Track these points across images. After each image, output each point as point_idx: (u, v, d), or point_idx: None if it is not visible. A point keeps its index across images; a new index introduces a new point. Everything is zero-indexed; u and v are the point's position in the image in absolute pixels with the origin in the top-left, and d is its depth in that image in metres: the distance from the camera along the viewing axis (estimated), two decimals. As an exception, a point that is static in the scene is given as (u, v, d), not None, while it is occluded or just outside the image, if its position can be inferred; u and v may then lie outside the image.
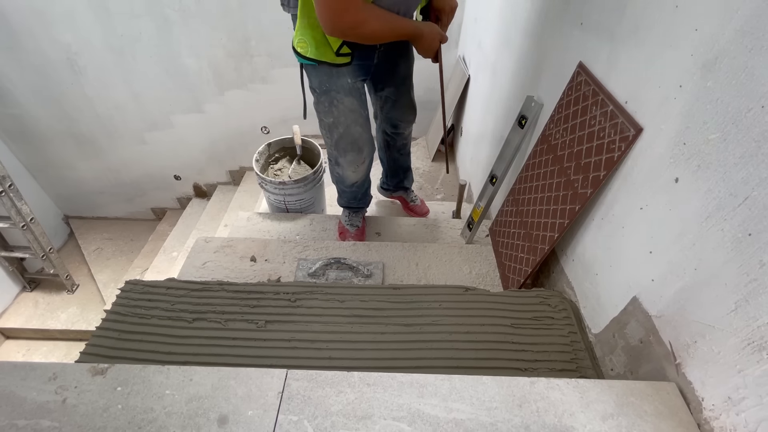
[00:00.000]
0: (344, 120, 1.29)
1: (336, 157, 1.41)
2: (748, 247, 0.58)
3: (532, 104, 1.29)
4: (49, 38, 2.45)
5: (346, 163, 1.40)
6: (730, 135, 0.62)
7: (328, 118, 1.30)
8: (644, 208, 0.81)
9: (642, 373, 0.80)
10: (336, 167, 1.46)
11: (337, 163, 1.43)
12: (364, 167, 1.43)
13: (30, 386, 0.67)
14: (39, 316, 2.85)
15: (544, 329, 1.02)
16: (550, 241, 1.12)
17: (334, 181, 1.60)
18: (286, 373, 0.70)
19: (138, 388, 0.68)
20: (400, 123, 1.63)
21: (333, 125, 1.31)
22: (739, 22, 0.60)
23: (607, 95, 0.93)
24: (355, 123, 1.31)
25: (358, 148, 1.35)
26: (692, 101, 0.69)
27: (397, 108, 1.57)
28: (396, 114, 1.59)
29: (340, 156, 1.39)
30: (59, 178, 3.20)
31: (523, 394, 0.69)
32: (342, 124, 1.30)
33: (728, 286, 0.61)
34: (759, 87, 0.57)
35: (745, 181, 0.59)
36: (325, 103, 1.28)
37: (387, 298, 1.08)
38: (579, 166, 1.02)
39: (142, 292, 1.08)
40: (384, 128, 1.70)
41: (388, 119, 1.63)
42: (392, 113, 1.59)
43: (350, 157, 1.37)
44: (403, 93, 1.52)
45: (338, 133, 1.32)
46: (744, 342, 0.59)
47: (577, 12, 1.06)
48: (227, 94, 2.77)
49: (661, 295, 0.75)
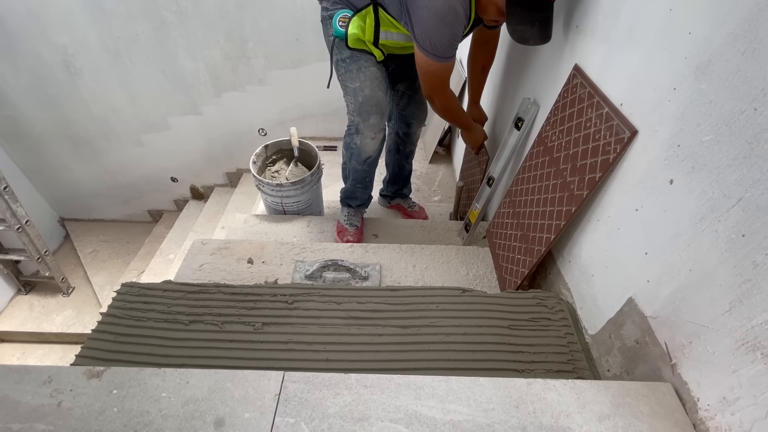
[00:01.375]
0: (369, 84, 1.42)
1: (357, 124, 1.48)
2: (741, 248, 0.59)
3: (529, 106, 1.30)
4: (45, 40, 2.44)
5: (366, 128, 1.47)
6: (724, 137, 0.62)
7: (355, 83, 1.42)
8: (639, 209, 0.81)
9: (638, 373, 0.81)
10: (355, 137, 1.52)
11: (357, 130, 1.50)
12: (380, 136, 1.52)
13: (25, 389, 0.67)
14: (34, 319, 2.84)
15: (541, 330, 1.02)
16: (546, 243, 1.12)
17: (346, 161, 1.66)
18: (283, 375, 0.70)
19: (134, 391, 0.67)
20: (413, 122, 1.72)
21: (359, 89, 1.41)
22: (732, 26, 0.61)
23: (602, 97, 0.94)
24: (379, 88, 1.44)
25: (381, 111, 1.45)
26: (686, 103, 0.69)
27: (412, 104, 1.68)
28: (411, 110, 1.69)
29: (362, 121, 1.46)
30: (55, 180, 3.19)
31: (520, 395, 0.69)
32: (368, 87, 1.42)
33: (722, 287, 0.62)
34: (751, 89, 0.58)
35: (739, 182, 0.59)
36: (353, 70, 1.41)
37: (384, 299, 1.08)
38: (575, 168, 1.03)
39: (138, 295, 1.07)
40: (397, 129, 1.78)
41: (403, 117, 1.72)
42: (407, 109, 1.69)
43: (373, 120, 1.45)
44: (419, 89, 1.59)
45: (363, 95, 1.42)
46: (738, 342, 0.59)
47: (572, 14, 1.07)
48: (224, 96, 2.77)
49: (657, 296, 0.76)
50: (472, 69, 1.58)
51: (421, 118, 1.75)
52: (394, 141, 1.84)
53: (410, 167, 1.99)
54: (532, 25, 1.03)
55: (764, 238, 0.55)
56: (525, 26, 1.04)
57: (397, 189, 2.06)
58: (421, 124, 1.78)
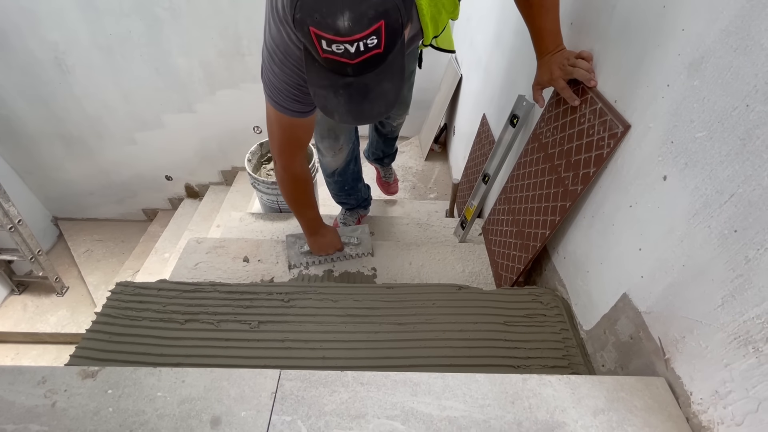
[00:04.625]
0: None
1: (317, 143, 1.43)
2: (734, 243, 0.59)
3: (524, 103, 1.30)
4: (36, 37, 2.41)
5: (323, 149, 1.41)
6: (716, 133, 0.63)
7: None
8: (633, 205, 0.82)
9: (632, 368, 0.81)
10: (318, 154, 1.48)
11: (318, 149, 1.45)
12: (342, 155, 1.44)
13: (18, 390, 0.67)
14: (28, 319, 2.81)
15: (537, 326, 1.03)
16: (541, 239, 1.13)
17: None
18: (279, 373, 0.70)
19: (129, 391, 0.67)
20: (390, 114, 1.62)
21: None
22: (724, 22, 0.61)
23: (596, 93, 0.94)
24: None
25: (334, 135, 1.36)
26: (679, 100, 0.70)
27: None
28: None
29: (318, 142, 1.41)
30: (48, 179, 3.15)
31: (515, 390, 0.69)
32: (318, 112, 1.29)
33: (715, 282, 0.62)
34: (743, 86, 0.58)
35: (731, 178, 0.60)
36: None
37: (380, 297, 1.09)
38: (569, 164, 1.03)
39: (133, 294, 1.07)
40: None
41: None
42: None
43: (326, 143, 1.38)
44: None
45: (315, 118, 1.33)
46: (731, 337, 0.60)
47: (566, 11, 1.07)
48: (219, 94, 2.75)
49: (651, 292, 0.76)
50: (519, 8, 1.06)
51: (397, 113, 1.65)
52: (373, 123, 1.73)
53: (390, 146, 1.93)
54: (336, 93, 0.70)
55: (756, 234, 0.56)
56: (327, 92, 0.71)
57: (378, 158, 2.02)
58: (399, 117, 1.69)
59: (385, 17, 0.60)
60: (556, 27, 1.01)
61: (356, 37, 0.60)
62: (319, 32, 0.61)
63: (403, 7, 0.63)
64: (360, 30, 0.60)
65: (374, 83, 0.69)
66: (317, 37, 0.62)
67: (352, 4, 0.58)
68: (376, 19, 0.60)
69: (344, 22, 0.59)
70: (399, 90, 0.73)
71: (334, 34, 0.60)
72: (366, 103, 0.71)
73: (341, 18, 0.59)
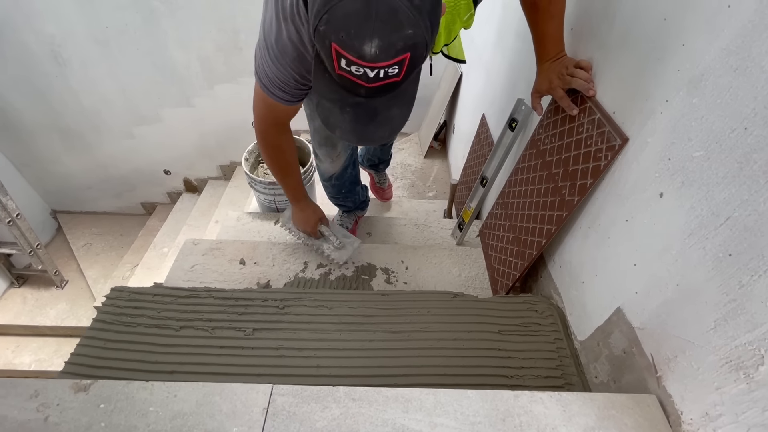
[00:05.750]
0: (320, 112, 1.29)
1: (314, 148, 1.42)
2: (728, 267, 0.59)
3: (523, 107, 1.29)
4: (31, 29, 2.38)
5: (321, 154, 1.40)
6: (714, 154, 0.62)
7: (307, 108, 1.28)
8: (629, 220, 0.81)
9: (624, 382, 0.82)
10: (315, 159, 1.47)
11: (316, 154, 1.44)
12: (340, 161, 1.43)
13: (11, 404, 0.67)
14: (28, 312, 2.83)
15: (531, 336, 1.03)
16: (538, 247, 1.12)
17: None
18: (272, 388, 0.70)
19: (121, 405, 0.67)
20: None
21: (311, 117, 1.30)
22: (725, 41, 0.60)
23: (594, 104, 0.93)
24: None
25: (332, 143, 1.35)
26: (678, 117, 0.69)
27: None
28: None
29: (316, 148, 1.40)
30: (46, 172, 3.15)
31: (507, 407, 0.69)
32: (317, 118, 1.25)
33: (708, 304, 0.62)
34: (743, 108, 0.57)
35: (727, 201, 0.59)
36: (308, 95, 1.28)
37: (375, 304, 1.09)
38: (567, 173, 1.02)
39: (128, 299, 1.07)
40: None
41: None
42: None
43: (324, 150, 1.37)
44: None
45: (314, 126, 1.32)
46: (722, 360, 0.59)
47: (567, 16, 1.05)
48: (216, 88, 2.72)
49: (644, 308, 0.76)
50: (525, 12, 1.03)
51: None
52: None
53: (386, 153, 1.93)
54: (342, 110, 0.67)
55: (750, 260, 0.55)
56: (333, 106, 0.68)
57: (372, 164, 2.01)
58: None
59: (412, 50, 0.58)
60: (559, 33, 0.99)
61: (380, 65, 0.58)
62: (342, 51, 0.58)
63: (431, 41, 0.61)
64: (385, 59, 0.58)
65: (383, 107, 0.67)
66: (338, 55, 0.59)
67: (383, 33, 0.56)
68: (403, 51, 0.58)
69: (371, 49, 0.56)
70: (406, 117, 0.71)
71: (357, 57, 0.58)
72: (371, 126, 0.69)
73: (369, 44, 0.56)
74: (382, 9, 0.55)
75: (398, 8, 0.55)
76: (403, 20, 0.55)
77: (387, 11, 0.55)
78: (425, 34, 0.58)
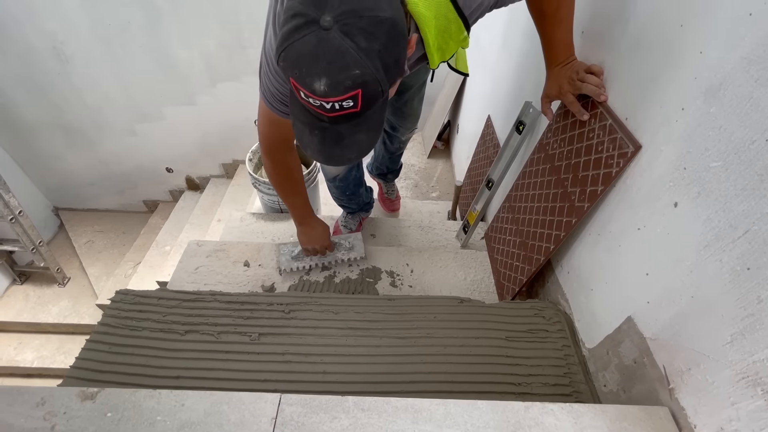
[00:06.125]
0: None
1: None
2: (746, 281, 0.58)
3: (530, 110, 1.27)
4: (33, 26, 2.37)
5: None
6: (732, 165, 0.61)
7: None
8: (642, 228, 0.80)
9: (635, 393, 0.81)
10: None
11: None
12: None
13: (17, 412, 0.66)
14: (30, 309, 2.83)
15: (539, 342, 1.02)
16: (545, 252, 1.11)
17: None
18: (280, 397, 0.69)
19: (129, 414, 0.67)
20: (399, 127, 1.60)
21: None
22: (746, 50, 0.58)
23: (606, 109, 0.92)
24: None
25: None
26: (694, 126, 0.68)
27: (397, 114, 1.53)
28: (396, 118, 1.56)
29: None
30: (48, 169, 3.14)
31: (517, 419, 0.69)
32: None
33: (725, 318, 0.61)
34: (764, 119, 0.56)
35: (746, 214, 0.58)
36: None
37: (382, 309, 1.08)
38: (576, 179, 1.01)
39: (133, 303, 1.06)
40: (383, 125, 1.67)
41: (387, 120, 1.60)
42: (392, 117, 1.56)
43: None
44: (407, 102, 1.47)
45: None
46: (739, 375, 0.59)
47: (578, 19, 1.04)
48: (219, 87, 2.71)
49: (657, 319, 0.75)
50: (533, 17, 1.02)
51: (406, 126, 1.60)
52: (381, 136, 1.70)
53: (396, 162, 1.91)
54: (311, 132, 0.70)
55: (770, 275, 0.54)
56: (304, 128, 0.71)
57: (381, 173, 1.99)
58: (408, 132, 1.65)
59: (362, 87, 0.60)
60: (568, 38, 0.98)
61: (331, 99, 0.61)
62: (298, 86, 0.62)
63: (385, 78, 0.62)
64: (335, 95, 0.60)
65: (348, 133, 0.69)
66: (296, 88, 0.63)
67: (330, 72, 0.59)
68: (353, 88, 0.60)
69: (321, 86, 0.60)
70: (374, 140, 0.73)
71: (310, 92, 0.61)
72: (337, 149, 0.71)
73: (318, 82, 0.60)
74: (329, 51, 0.58)
75: (345, 51, 0.58)
76: (350, 61, 0.58)
77: (334, 53, 0.58)
78: (375, 74, 0.60)
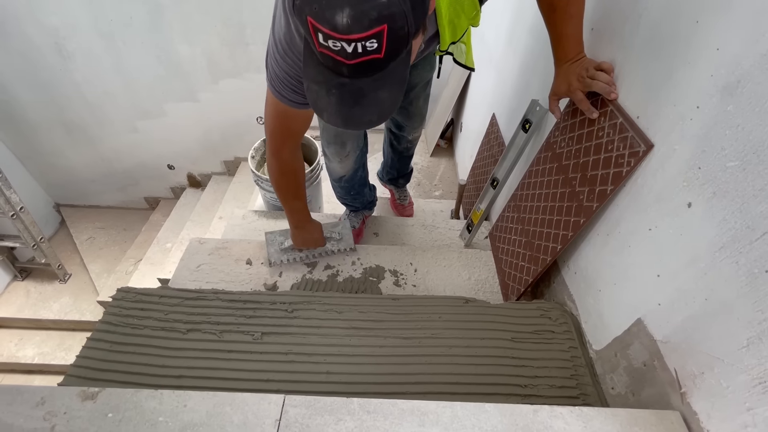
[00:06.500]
0: None
1: (323, 148, 1.40)
2: (764, 284, 0.56)
3: (537, 108, 1.26)
4: (35, 22, 2.35)
5: (329, 154, 1.38)
6: (751, 165, 0.59)
7: None
8: (653, 229, 0.78)
9: (644, 396, 0.79)
10: (325, 158, 1.44)
11: (325, 153, 1.41)
12: (349, 161, 1.40)
13: (17, 412, 0.65)
14: (31, 305, 2.82)
15: (545, 344, 1.00)
16: (552, 252, 1.10)
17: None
18: (284, 399, 0.68)
19: (130, 415, 0.66)
20: (405, 126, 1.59)
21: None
22: (766, 46, 0.57)
23: (616, 107, 0.90)
24: None
25: (341, 141, 1.32)
26: (710, 124, 0.66)
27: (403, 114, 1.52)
28: (401, 118, 1.55)
29: (325, 147, 1.37)
30: (49, 165, 3.13)
31: (525, 423, 0.67)
32: None
33: (741, 322, 0.60)
34: (785, 118, 0.54)
35: (765, 215, 0.57)
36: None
37: (386, 309, 1.07)
38: (585, 178, 0.99)
39: (134, 301, 1.05)
40: (389, 126, 1.67)
41: (393, 120, 1.59)
42: (398, 117, 1.54)
43: (333, 149, 1.35)
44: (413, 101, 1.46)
45: (322, 122, 1.28)
46: (755, 381, 0.57)
47: (588, 15, 1.02)
48: (222, 83, 2.69)
49: (668, 321, 0.74)
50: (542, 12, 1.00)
51: (413, 125, 1.59)
52: (388, 137, 1.74)
53: (406, 164, 1.88)
54: (328, 92, 0.64)
55: (790, 278, 0.53)
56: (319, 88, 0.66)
57: (392, 178, 1.97)
58: (415, 131, 1.63)
59: (388, 21, 0.54)
60: (578, 34, 0.96)
61: (354, 36, 0.55)
62: (317, 24, 0.56)
63: (411, 14, 0.57)
64: (359, 30, 0.54)
65: (369, 89, 0.63)
66: (314, 29, 0.57)
67: (355, 1, 0.53)
68: (378, 22, 0.54)
69: (343, 19, 0.54)
70: (396, 101, 0.67)
71: (331, 29, 0.55)
72: (357, 108, 0.65)
73: (340, 14, 0.53)
74: None
75: None
76: None
77: None
78: (402, 6, 0.55)
